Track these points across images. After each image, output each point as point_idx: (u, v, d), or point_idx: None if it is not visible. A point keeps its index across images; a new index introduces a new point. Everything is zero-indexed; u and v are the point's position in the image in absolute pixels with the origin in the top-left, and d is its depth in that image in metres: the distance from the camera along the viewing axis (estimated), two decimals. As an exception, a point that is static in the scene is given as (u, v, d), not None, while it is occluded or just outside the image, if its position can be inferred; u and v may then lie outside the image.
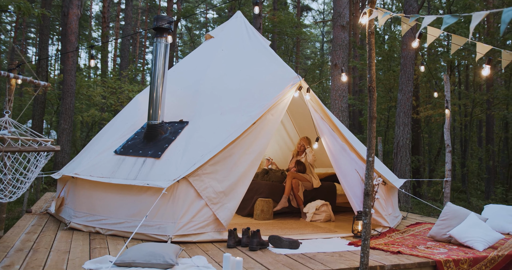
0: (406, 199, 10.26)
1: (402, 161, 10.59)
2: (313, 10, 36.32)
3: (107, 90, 14.39)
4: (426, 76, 16.99)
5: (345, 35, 10.65)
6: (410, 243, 4.93)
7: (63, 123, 12.35)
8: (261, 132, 5.17)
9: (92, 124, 16.27)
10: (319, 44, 38.04)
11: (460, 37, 3.75)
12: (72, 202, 5.26)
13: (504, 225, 5.81)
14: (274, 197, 6.83)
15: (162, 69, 5.37)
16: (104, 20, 23.56)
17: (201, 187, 4.67)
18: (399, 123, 10.83)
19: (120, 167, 5.06)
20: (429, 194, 14.43)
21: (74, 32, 12.88)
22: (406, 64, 11.00)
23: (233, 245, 4.48)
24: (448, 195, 6.75)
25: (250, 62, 6.32)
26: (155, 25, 5.37)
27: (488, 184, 16.23)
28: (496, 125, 19.54)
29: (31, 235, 4.67)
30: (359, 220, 5.32)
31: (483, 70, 3.54)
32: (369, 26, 3.96)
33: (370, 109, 3.86)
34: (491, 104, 16.13)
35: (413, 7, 11.08)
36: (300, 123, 8.86)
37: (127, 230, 4.69)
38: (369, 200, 3.82)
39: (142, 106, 6.05)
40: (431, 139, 20.96)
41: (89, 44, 28.65)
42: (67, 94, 12.56)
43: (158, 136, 5.31)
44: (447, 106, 6.98)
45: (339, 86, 10.39)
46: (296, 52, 27.62)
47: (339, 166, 5.62)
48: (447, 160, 6.96)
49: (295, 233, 5.41)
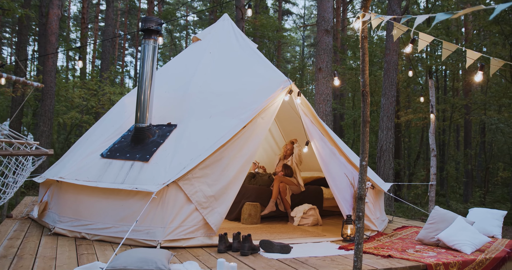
0: (389, 202, 10.35)
1: (385, 165, 10.68)
2: (294, 14, 36.53)
3: (87, 92, 14.13)
4: (406, 81, 17.24)
5: (329, 39, 10.71)
6: (399, 247, 4.95)
7: (42, 125, 12.07)
8: (251, 135, 5.13)
9: (72, 126, 15.96)
10: (299, 48, 38.27)
11: (450, 44, 3.79)
12: (56, 206, 5.12)
13: (488, 228, 5.89)
14: (262, 201, 6.79)
15: (150, 71, 5.29)
16: (83, 21, 23.19)
17: (191, 191, 4.60)
18: (383, 127, 10.93)
19: (107, 170, 4.95)
20: (409, 198, 14.60)
21: (55, 32, 12.63)
22: (389, 69, 11.12)
23: (224, 250, 4.42)
24: (433, 199, 6.83)
25: (239, 65, 6.28)
26: (143, 27, 5.29)
27: (466, 187, 16.53)
28: (473, 129, 19.94)
29: (14, 241, 4.52)
30: (349, 224, 5.32)
31: (475, 76, 3.58)
32: (363, 31, 3.96)
33: (364, 114, 3.85)
34: (469, 109, 16.45)
35: (397, 12, 11.22)
36: (285, 127, 8.85)
37: (114, 235, 4.59)
38: (362, 204, 3.81)
39: (129, 109, 5.95)
40: (410, 143, 21.26)
41: (67, 45, 28.20)
42: (46, 95, 12.28)
43: (146, 139, 5.22)
44: (432, 110, 7.07)
45: (323, 90, 10.42)
46: (277, 55, 27.70)
47: (328, 170, 5.62)
48: (432, 164, 7.04)
49: (284, 237, 5.38)
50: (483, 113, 15.63)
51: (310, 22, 36.09)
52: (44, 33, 15.04)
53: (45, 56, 12.58)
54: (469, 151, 17.18)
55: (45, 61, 12.61)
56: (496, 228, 5.92)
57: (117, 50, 34.42)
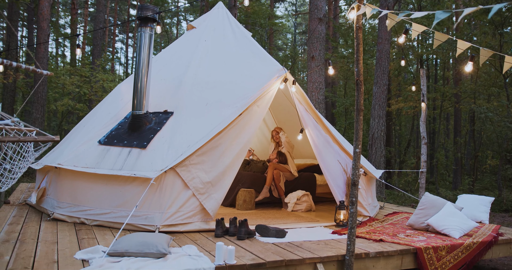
0: (381, 189, 10.54)
1: (377, 152, 10.86)
2: (285, 1, 36.40)
3: (80, 79, 14.08)
4: (398, 70, 17.39)
5: (322, 28, 10.77)
6: (391, 232, 5.11)
7: (35, 112, 12.05)
8: (247, 123, 5.22)
9: (65, 113, 15.91)
10: (291, 36, 38.22)
11: (443, 34, 3.89)
12: (54, 192, 5.19)
13: (476, 214, 6.08)
14: (256, 187, 6.92)
15: (146, 59, 5.33)
16: (74, 7, 22.95)
17: (188, 177, 4.70)
18: (374, 115, 11.08)
19: (105, 157, 5.03)
20: (399, 185, 14.84)
21: (46, 18, 12.53)
22: (381, 58, 11.23)
23: (220, 234, 4.54)
24: (424, 186, 7.00)
25: (234, 53, 6.34)
26: (139, 15, 5.32)
27: (455, 175, 16.80)
28: (463, 118, 20.19)
29: (14, 226, 4.60)
30: (342, 209, 5.47)
31: (466, 67, 3.69)
32: (357, 21, 4.05)
33: (358, 102, 3.96)
34: (459, 97, 16.64)
35: (389, 1, 11.29)
36: (278, 115, 8.95)
37: (113, 220, 4.69)
38: (356, 190, 3.94)
39: (125, 96, 6.00)
40: (401, 131, 21.50)
41: (56, 31, 27.87)
42: (38, 82, 12.22)
43: (143, 126, 5.29)
44: (423, 99, 7.20)
45: (316, 78, 10.52)
46: (269, 43, 27.67)
47: (322, 157, 5.74)
48: (422, 152, 7.20)
49: (279, 222, 5.51)
50: (473, 102, 15.83)
51: (302, 10, 36.00)
52: (33, 19, 14.91)
53: (36, 42, 12.49)
54: (458, 139, 17.42)
55: (37, 48, 12.53)
56: (483, 214, 6.11)
57: (107, 37, 34.10)
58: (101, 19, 18.75)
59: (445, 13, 2.92)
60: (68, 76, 15.24)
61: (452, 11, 2.95)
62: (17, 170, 4.12)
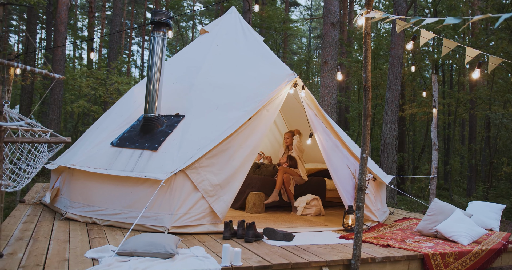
0: (392, 195, 10.50)
1: (388, 158, 10.82)
2: (300, 5, 36.46)
3: (95, 81, 14.32)
4: (412, 75, 17.29)
5: (335, 33, 10.80)
6: (399, 237, 5.12)
7: (52, 113, 12.28)
8: (256, 127, 5.28)
9: (81, 115, 16.17)
10: (306, 40, 38.24)
11: (451, 41, 3.91)
12: (67, 192, 5.31)
13: (486, 221, 6.04)
14: (266, 191, 6.96)
15: (159, 62, 5.44)
16: (91, 10, 23.29)
17: (198, 179, 4.77)
18: (387, 120, 11.05)
19: (117, 159, 5.13)
20: (413, 191, 14.74)
21: (64, 22, 12.78)
22: (394, 63, 11.21)
23: (229, 236, 4.60)
24: (434, 192, 6.97)
25: (246, 58, 6.42)
26: (153, 19, 5.43)
27: (470, 182, 16.62)
28: (478, 124, 19.97)
29: (28, 225, 4.72)
30: (350, 214, 5.49)
31: (473, 73, 3.70)
32: (366, 27, 4.08)
33: (365, 108, 3.99)
34: (474, 103, 16.49)
35: (402, 7, 11.27)
36: (289, 119, 9.00)
37: (124, 220, 4.78)
38: (362, 195, 3.97)
39: (138, 99, 6.11)
40: (415, 136, 21.34)
41: (74, 33, 28.32)
42: (55, 84, 12.47)
43: (155, 129, 5.38)
44: (435, 105, 7.18)
45: (328, 83, 10.54)
46: (284, 47, 27.73)
47: (331, 162, 5.77)
48: (433, 158, 7.17)
49: (288, 226, 5.55)
50: (488, 108, 15.67)
51: (317, 14, 36.00)
52: (51, 22, 15.20)
53: (54, 45, 12.73)
54: (473, 145, 17.24)
55: (54, 51, 12.77)
56: (494, 221, 6.07)
57: (123, 39, 34.52)
58: (117, 22, 19.03)
59: (456, 19, 2.94)
60: (84, 78, 15.49)
61: (462, 18, 2.97)
62: (31, 170, 4.24)
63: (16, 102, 18.19)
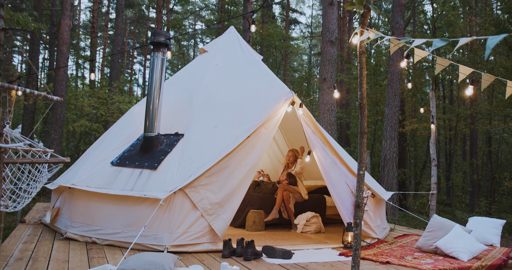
0: (393, 211, 10.47)
1: (389, 174, 10.82)
2: (301, 23, 36.88)
3: (97, 101, 14.46)
4: (412, 91, 17.38)
5: (333, 50, 10.92)
6: (398, 254, 5.11)
7: (53, 133, 12.36)
8: (255, 145, 5.33)
9: (82, 134, 16.27)
10: (306, 57, 38.58)
11: (444, 60, 3.97)
12: (68, 212, 5.33)
13: (487, 236, 6.02)
14: (266, 208, 6.97)
15: (158, 82, 5.53)
16: (93, 30, 23.63)
17: (197, 198, 4.80)
18: (386, 136, 11.09)
19: (116, 178, 5.17)
20: (415, 207, 14.68)
21: (66, 42, 12.96)
22: (393, 80, 11.30)
23: (228, 255, 4.61)
24: (434, 208, 6.96)
25: (244, 77, 6.50)
26: (152, 40, 5.54)
27: (472, 197, 16.57)
28: (480, 139, 19.99)
29: (28, 245, 4.74)
30: (349, 231, 5.49)
31: (466, 90, 3.76)
32: (360, 46, 4.15)
33: (361, 125, 4.04)
34: (474, 118, 16.53)
35: (400, 24, 11.42)
36: (290, 136, 9.04)
37: (123, 240, 4.79)
38: (360, 212, 3.98)
39: (138, 118, 6.18)
40: (416, 152, 21.33)
41: (77, 53, 28.66)
42: (57, 104, 12.59)
43: (154, 148, 5.43)
44: (433, 121, 7.23)
45: (327, 100, 10.62)
46: (284, 64, 27.97)
47: (330, 179, 5.80)
48: (433, 174, 7.18)
49: (287, 244, 5.55)
50: (488, 123, 15.71)
51: (317, 31, 36.37)
52: (54, 42, 15.41)
53: (56, 65, 12.89)
54: (474, 161, 17.22)
55: (56, 71, 12.93)
56: (494, 237, 6.05)
57: (125, 58, 34.89)
58: (119, 42, 19.26)
59: (442, 42, 3.01)
60: (86, 98, 15.63)
61: (449, 40, 3.04)
62: (31, 190, 4.28)
63: (18, 121, 18.35)
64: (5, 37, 4.26)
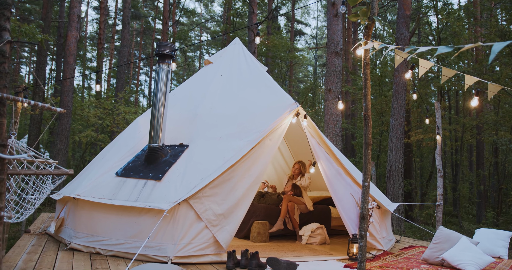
0: (399, 222, 10.38)
1: (394, 185, 10.76)
2: (306, 34, 37.04)
3: (103, 111, 14.54)
4: (417, 101, 17.35)
5: (338, 61, 10.94)
6: (404, 266, 5.06)
7: (59, 143, 12.41)
8: (259, 156, 5.33)
9: (88, 145, 16.34)
10: (312, 68, 38.67)
11: (450, 69, 3.97)
12: (72, 222, 5.34)
13: (494, 249, 5.96)
14: (271, 220, 6.94)
15: (163, 93, 5.55)
16: (100, 42, 23.85)
17: (201, 209, 4.79)
18: (392, 147, 11.05)
19: (121, 189, 5.17)
20: (421, 218, 14.56)
21: (73, 54, 13.07)
22: (398, 90, 11.28)
23: (232, 266, 4.58)
24: (440, 219, 6.91)
25: (248, 88, 6.52)
26: (157, 52, 5.57)
27: (479, 208, 16.41)
28: (486, 149, 19.86)
29: (32, 255, 4.74)
30: (355, 243, 5.44)
31: (472, 101, 3.75)
32: (365, 57, 4.16)
33: (366, 136, 4.03)
34: (481, 129, 16.45)
35: (405, 35, 11.43)
36: (294, 147, 9.03)
37: (127, 251, 4.78)
38: (365, 224, 3.96)
39: (143, 129, 6.20)
40: (422, 163, 21.21)
41: (84, 64, 28.90)
42: (63, 114, 12.65)
43: (159, 159, 5.44)
44: (438, 132, 7.20)
45: (332, 111, 10.61)
46: (289, 75, 28.05)
47: (334, 190, 5.77)
48: (439, 185, 7.14)
49: (292, 255, 5.51)
50: (494, 133, 15.62)
51: (322, 42, 36.51)
52: (61, 53, 15.56)
53: (62, 76, 12.99)
54: (481, 171, 17.09)
55: (62, 82, 13.03)
56: (502, 249, 5.98)
57: (132, 69, 35.12)
58: (125, 53, 19.40)
59: (448, 48, 3.00)
60: (92, 108, 15.72)
61: (454, 47, 3.03)
62: (34, 201, 4.29)
63: (25, 132, 18.45)
64: (13, 49, 4.31)
